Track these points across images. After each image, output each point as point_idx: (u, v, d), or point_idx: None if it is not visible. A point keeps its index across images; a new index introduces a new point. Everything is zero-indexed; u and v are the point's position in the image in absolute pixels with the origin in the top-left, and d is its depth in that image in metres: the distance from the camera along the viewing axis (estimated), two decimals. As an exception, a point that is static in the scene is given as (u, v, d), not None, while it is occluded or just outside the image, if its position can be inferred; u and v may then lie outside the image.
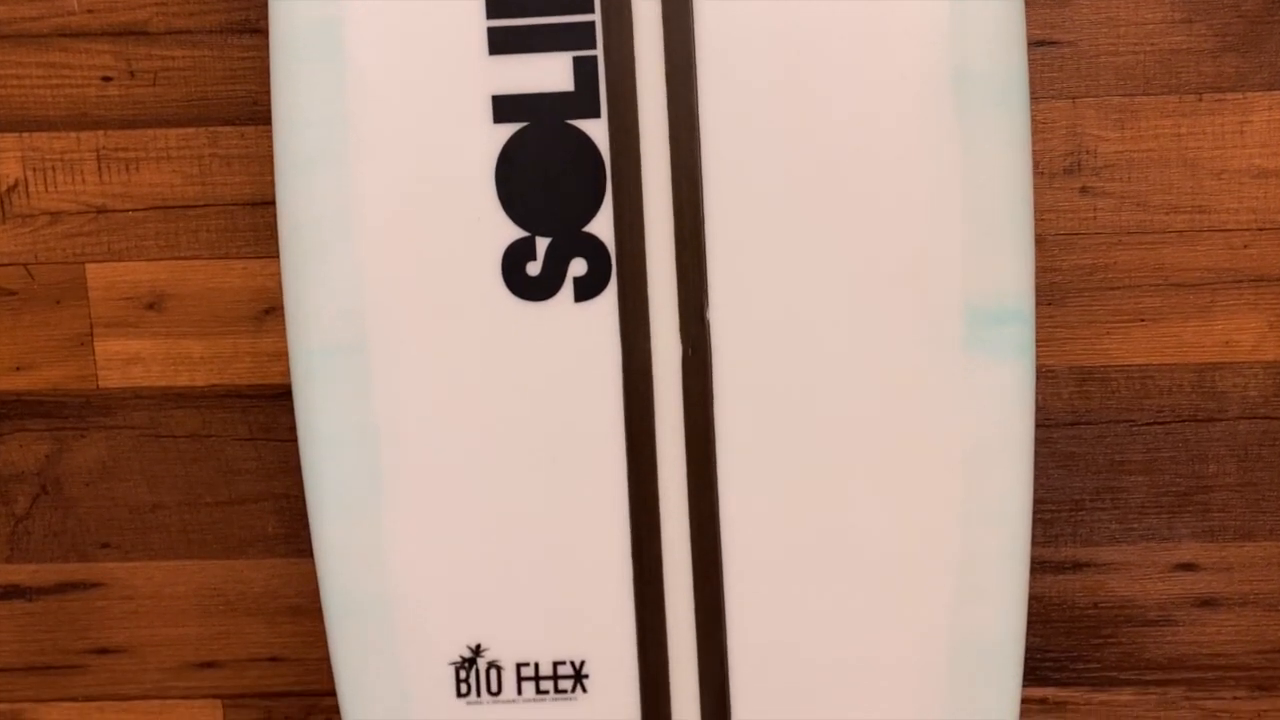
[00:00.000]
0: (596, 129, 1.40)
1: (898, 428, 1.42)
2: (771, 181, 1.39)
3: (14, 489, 1.71)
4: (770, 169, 1.39)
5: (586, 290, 1.42)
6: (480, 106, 1.40)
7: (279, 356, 1.64)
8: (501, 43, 1.39)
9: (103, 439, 1.69)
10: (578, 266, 1.42)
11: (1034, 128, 1.52)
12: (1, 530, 1.72)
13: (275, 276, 1.61)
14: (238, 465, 1.69)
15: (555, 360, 1.43)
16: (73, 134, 1.62)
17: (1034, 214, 1.43)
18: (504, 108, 1.40)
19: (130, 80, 1.61)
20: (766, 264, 1.40)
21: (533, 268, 1.42)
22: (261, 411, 1.67)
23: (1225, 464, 1.65)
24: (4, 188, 1.64)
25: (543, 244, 1.41)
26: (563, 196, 1.41)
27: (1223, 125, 1.58)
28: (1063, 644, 1.69)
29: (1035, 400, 1.45)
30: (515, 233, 1.41)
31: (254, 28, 1.59)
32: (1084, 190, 1.59)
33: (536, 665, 1.48)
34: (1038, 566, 1.66)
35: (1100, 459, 1.65)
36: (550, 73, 1.39)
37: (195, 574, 1.72)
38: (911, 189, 1.39)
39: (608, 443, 1.44)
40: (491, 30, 1.39)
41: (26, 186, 1.63)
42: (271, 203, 1.48)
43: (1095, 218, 1.60)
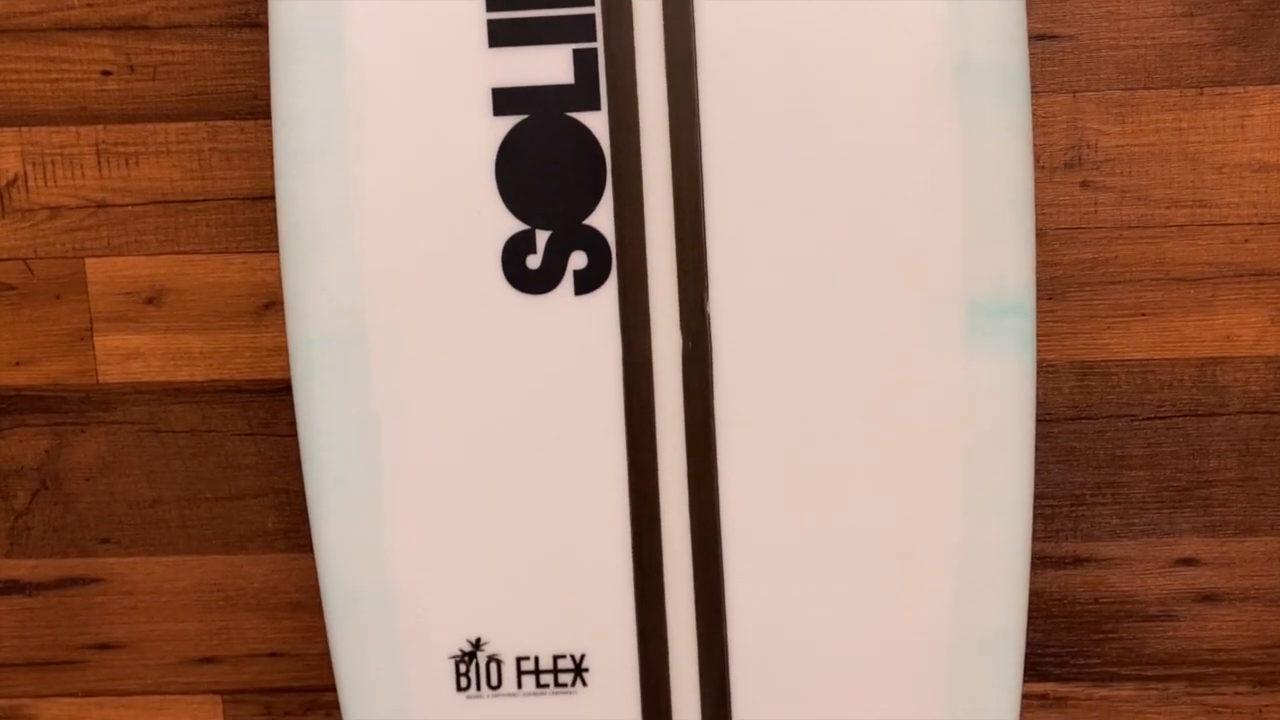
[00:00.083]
0: (596, 121, 1.40)
1: (898, 421, 1.42)
2: (772, 174, 1.39)
3: (14, 484, 1.71)
4: (771, 162, 1.39)
5: (587, 283, 1.42)
6: (480, 99, 1.40)
7: (279, 351, 1.64)
8: (501, 35, 1.39)
9: (102, 434, 1.69)
10: (578, 259, 1.42)
11: (1035, 122, 1.52)
12: (1, 525, 1.72)
13: (275, 271, 1.60)
14: (237, 460, 1.69)
15: (555, 354, 1.43)
16: (72, 128, 1.62)
17: (1035, 207, 1.43)
18: (504, 100, 1.40)
19: (130, 74, 1.61)
20: (767, 257, 1.40)
21: (533, 261, 1.42)
22: (261, 406, 1.67)
23: (1226, 459, 1.65)
24: (3, 182, 1.63)
25: (543, 237, 1.41)
26: (563, 189, 1.41)
27: (1224, 119, 1.57)
28: (1064, 639, 1.69)
29: (1036, 394, 1.45)
30: (515, 226, 1.41)
31: (254, 22, 1.59)
32: (1085, 184, 1.59)
33: (536, 659, 1.47)
34: (1038, 562, 1.65)
35: (1101, 454, 1.65)
36: (550, 65, 1.39)
37: (195, 569, 1.71)
38: (912, 181, 1.39)
39: (608, 436, 1.43)
40: (491, 23, 1.39)
41: (26, 181, 1.63)
42: (271, 197, 1.47)
43: (1096, 212, 1.60)
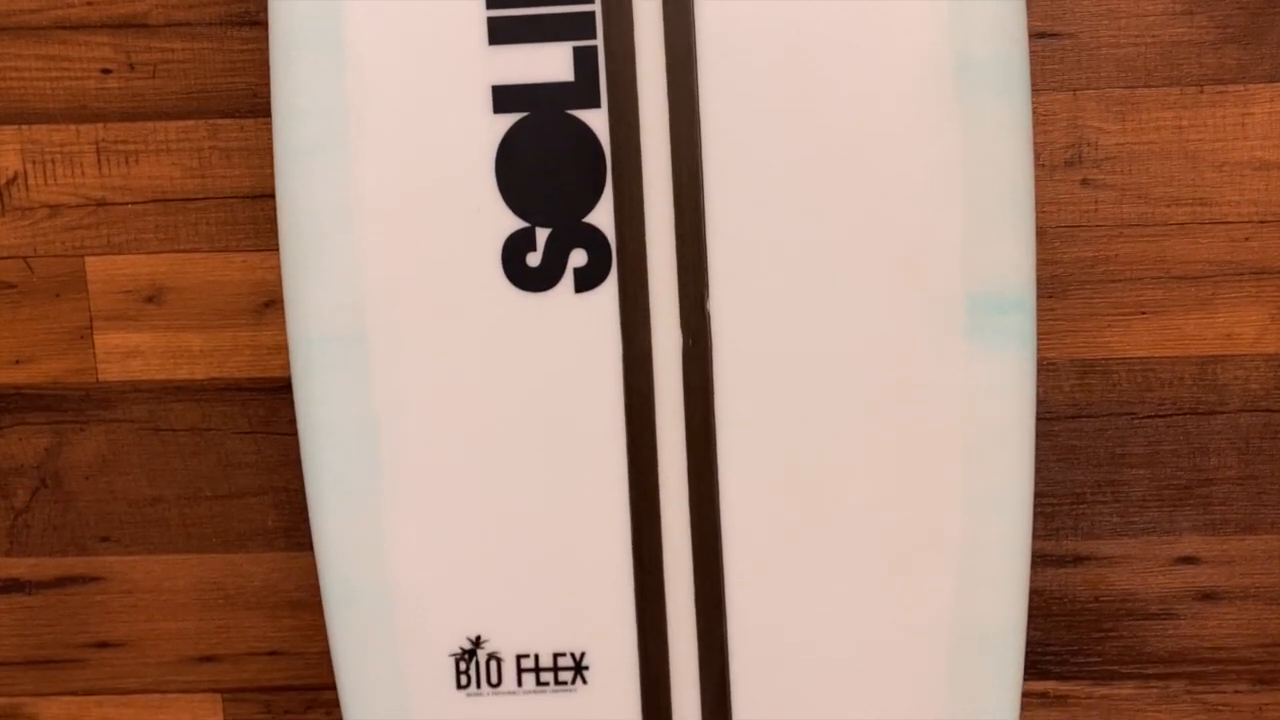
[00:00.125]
0: (597, 119, 1.40)
1: (898, 418, 1.42)
2: (772, 171, 1.39)
3: (13, 483, 1.71)
4: (771, 159, 1.39)
5: (587, 281, 1.42)
6: (480, 97, 1.40)
7: (279, 349, 1.64)
8: (501, 33, 1.39)
9: (102, 432, 1.69)
10: (578, 257, 1.42)
11: (1035, 120, 1.51)
12: (1, 524, 1.71)
13: (275, 269, 1.60)
14: (237, 459, 1.69)
15: (555, 351, 1.43)
16: (72, 126, 1.62)
17: (1035, 205, 1.43)
18: (504, 98, 1.40)
19: (130, 73, 1.61)
20: (767, 254, 1.40)
21: (533, 258, 1.42)
22: (261, 405, 1.67)
23: (1227, 457, 1.65)
24: (3, 180, 1.63)
25: (543, 235, 1.41)
26: (563, 187, 1.41)
27: (1224, 117, 1.57)
28: (1064, 637, 1.69)
29: (1036, 392, 1.45)
30: (515, 223, 1.41)
31: (253, 20, 1.59)
32: (1085, 183, 1.59)
33: (536, 657, 1.47)
34: (1039, 560, 1.65)
35: (1101, 452, 1.65)
36: (550, 63, 1.39)
37: (195, 568, 1.71)
38: (912, 178, 1.39)
39: (608, 434, 1.43)
40: (491, 20, 1.39)
41: (26, 179, 1.63)
42: (271, 196, 1.47)
43: (1096, 210, 1.60)
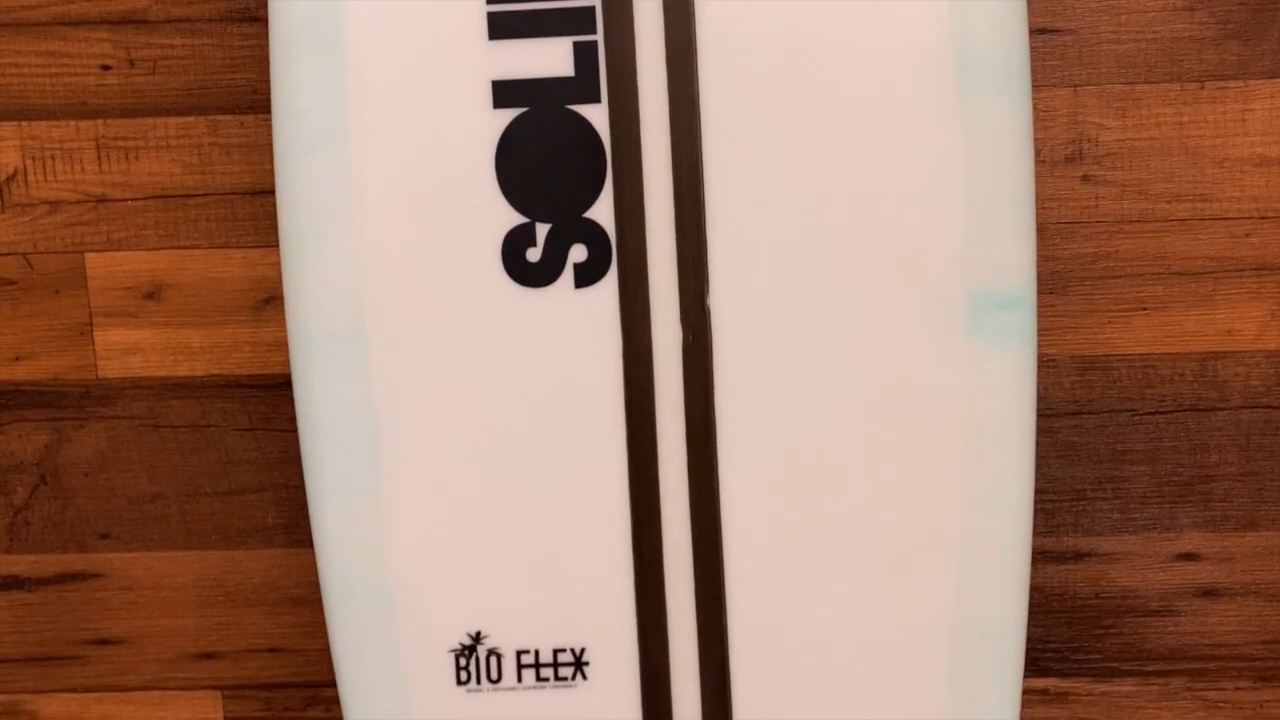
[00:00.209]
0: (597, 114, 1.40)
1: (899, 413, 1.42)
2: (772, 167, 1.39)
3: (13, 479, 1.70)
4: (771, 154, 1.39)
5: (587, 276, 1.42)
6: (480, 92, 1.40)
7: (279, 346, 1.64)
8: (501, 28, 1.39)
9: (102, 429, 1.69)
10: (578, 253, 1.42)
11: (1035, 116, 1.51)
12: (1, 521, 1.71)
13: (275, 266, 1.60)
14: (237, 455, 1.69)
15: (555, 347, 1.43)
16: (72, 123, 1.62)
17: (1035, 201, 1.43)
18: (504, 93, 1.39)
19: (129, 69, 1.61)
20: (767, 249, 1.40)
21: (533, 254, 1.41)
22: (261, 401, 1.67)
23: (1227, 453, 1.65)
24: (3, 177, 1.63)
25: (543, 230, 1.41)
26: (563, 182, 1.41)
27: (1224, 113, 1.57)
28: (1064, 634, 1.69)
29: (1036, 389, 1.44)
30: (515, 219, 1.41)
31: (253, 16, 1.59)
32: (1085, 179, 1.59)
33: (536, 653, 1.47)
34: (1039, 557, 1.65)
35: (1102, 448, 1.65)
36: (550, 58, 1.39)
37: (195, 564, 1.71)
38: (913, 174, 1.39)
39: (608, 429, 1.43)
40: (491, 15, 1.38)
41: (25, 175, 1.63)
42: (271, 192, 1.47)
43: (1097, 206, 1.60)
